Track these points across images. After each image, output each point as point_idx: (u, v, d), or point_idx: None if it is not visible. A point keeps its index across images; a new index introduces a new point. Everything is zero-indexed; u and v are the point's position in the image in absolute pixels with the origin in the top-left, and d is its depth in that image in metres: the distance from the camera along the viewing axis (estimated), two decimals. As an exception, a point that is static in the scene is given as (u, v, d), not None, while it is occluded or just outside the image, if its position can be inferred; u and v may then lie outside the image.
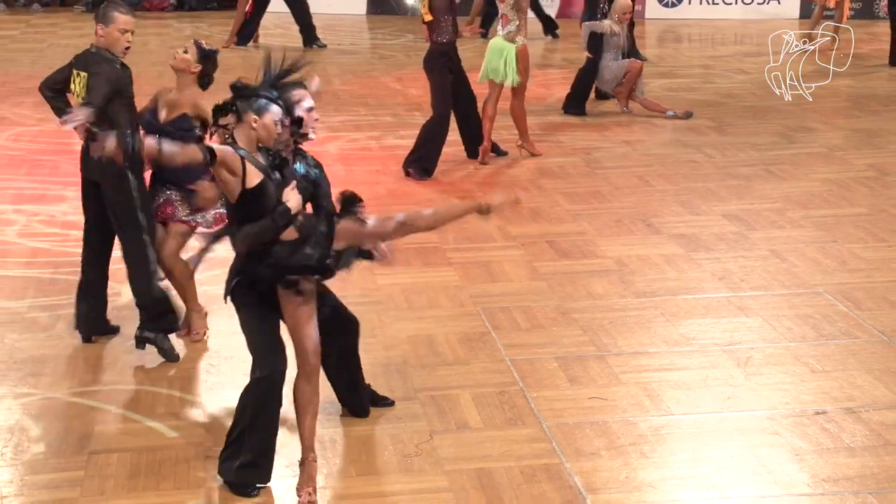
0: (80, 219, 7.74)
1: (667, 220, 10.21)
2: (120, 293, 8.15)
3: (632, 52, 14.91)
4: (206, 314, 7.84)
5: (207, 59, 7.59)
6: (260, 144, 5.81)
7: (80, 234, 7.82)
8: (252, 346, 5.98)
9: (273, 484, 6.04)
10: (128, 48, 7.33)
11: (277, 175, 5.80)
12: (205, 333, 7.79)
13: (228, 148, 5.68)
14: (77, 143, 7.69)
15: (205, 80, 7.65)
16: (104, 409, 6.91)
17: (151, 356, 7.54)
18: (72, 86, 7.37)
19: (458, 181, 11.54)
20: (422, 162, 11.56)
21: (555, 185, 11.34)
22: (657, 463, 6.23)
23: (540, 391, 7.05)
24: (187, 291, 7.78)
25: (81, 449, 6.44)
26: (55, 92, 7.48)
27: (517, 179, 11.51)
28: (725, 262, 9.17)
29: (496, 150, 12.21)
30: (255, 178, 5.69)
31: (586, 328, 7.94)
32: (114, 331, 7.82)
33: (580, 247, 9.57)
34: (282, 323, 5.98)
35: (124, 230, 7.38)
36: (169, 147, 5.54)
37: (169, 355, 7.49)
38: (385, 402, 6.84)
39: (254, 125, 5.77)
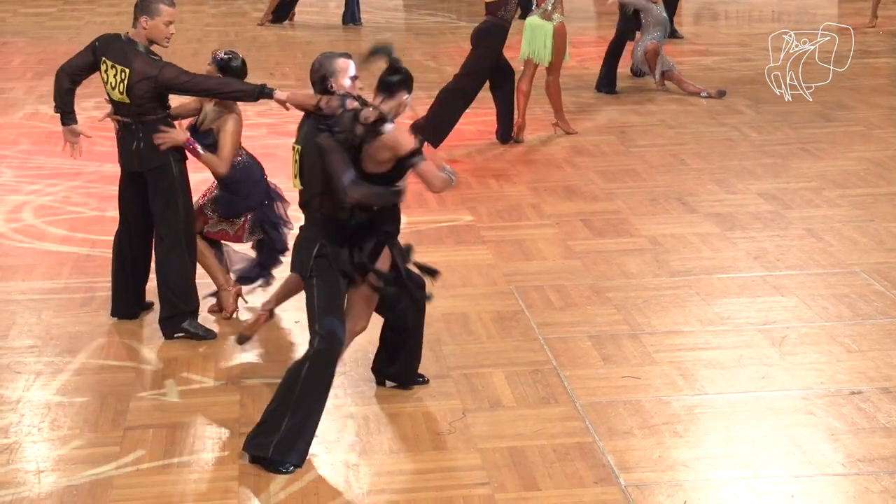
0: (116, 193, 7.78)
1: (702, 198, 10.16)
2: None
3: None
4: (237, 292, 7.86)
5: (225, 69, 7.58)
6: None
7: (115, 212, 7.87)
8: (318, 319, 6.02)
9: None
10: (168, 39, 7.35)
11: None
12: (234, 311, 7.81)
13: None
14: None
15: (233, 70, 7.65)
16: (139, 384, 6.94)
17: (183, 336, 7.57)
18: (104, 76, 7.34)
19: (491, 159, 11.52)
20: (433, 133, 11.17)
21: (589, 163, 11.31)
22: (690, 442, 6.22)
23: (573, 370, 7.04)
24: (213, 270, 7.80)
25: (117, 425, 6.47)
26: (73, 84, 7.46)
27: (552, 157, 11.49)
28: (761, 241, 9.12)
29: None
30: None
31: (620, 307, 7.92)
32: (148, 307, 7.85)
33: (614, 225, 9.54)
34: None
35: (164, 217, 7.40)
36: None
37: (206, 336, 7.51)
38: (419, 380, 6.85)
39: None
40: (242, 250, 8.05)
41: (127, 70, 7.22)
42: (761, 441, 6.19)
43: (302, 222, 6.34)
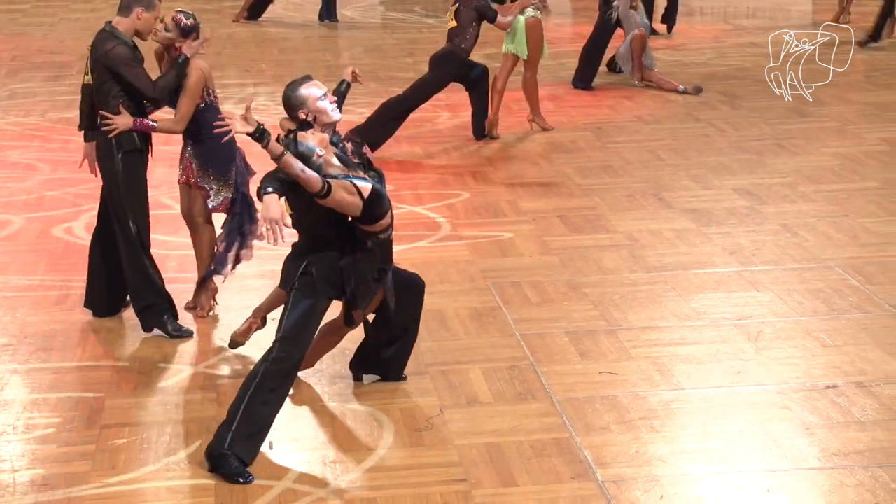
0: (92, 192, 7.78)
1: (678, 194, 10.19)
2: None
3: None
4: (215, 291, 7.85)
5: (188, 35, 7.55)
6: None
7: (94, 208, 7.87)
8: (286, 330, 6.08)
9: (278, 453, 6.06)
10: (153, 34, 7.45)
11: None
12: (210, 310, 7.79)
13: (343, 182, 6.00)
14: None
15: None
16: (115, 383, 6.93)
17: (159, 333, 7.56)
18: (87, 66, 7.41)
19: (468, 156, 11.52)
20: (367, 135, 11.20)
21: (565, 159, 11.33)
22: (667, 437, 6.24)
23: (550, 366, 7.05)
24: (200, 262, 7.79)
25: (93, 423, 6.46)
26: (91, 101, 7.58)
27: (528, 154, 11.50)
28: (737, 236, 9.15)
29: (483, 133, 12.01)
30: (365, 186, 6.03)
31: (597, 303, 7.94)
32: (123, 303, 7.82)
33: (591, 221, 9.56)
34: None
35: (114, 211, 7.42)
36: (292, 160, 5.85)
37: (183, 335, 7.49)
38: (396, 378, 6.85)
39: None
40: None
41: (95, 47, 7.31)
42: (737, 436, 6.22)
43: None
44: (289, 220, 6.04)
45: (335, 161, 6.11)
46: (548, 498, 5.70)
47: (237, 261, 7.75)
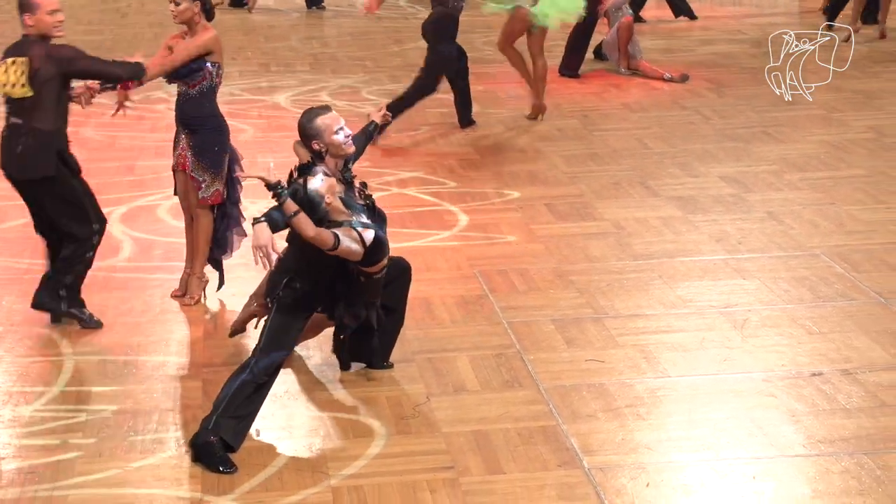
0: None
1: (664, 182, 10.20)
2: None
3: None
4: (206, 282, 7.84)
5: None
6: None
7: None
8: (266, 341, 6.13)
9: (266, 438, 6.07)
10: (59, 27, 7.17)
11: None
12: (198, 299, 7.79)
13: (348, 229, 6.09)
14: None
15: (208, 12, 7.60)
16: (101, 371, 6.92)
17: (146, 322, 7.56)
18: (2, 77, 7.07)
19: (454, 144, 11.51)
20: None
21: (552, 147, 11.33)
22: (653, 425, 6.25)
23: (537, 353, 7.06)
24: (199, 253, 7.77)
25: (78, 411, 6.45)
26: None
27: (515, 142, 11.49)
28: (723, 224, 9.16)
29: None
30: (368, 234, 6.16)
31: (583, 290, 7.95)
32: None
33: (578, 209, 9.57)
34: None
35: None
36: (305, 220, 5.96)
37: (93, 324, 7.47)
38: (384, 365, 6.85)
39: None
40: None
41: (26, 58, 7.06)
42: (723, 423, 6.23)
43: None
44: (279, 247, 6.04)
45: (341, 206, 6.17)
46: (534, 485, 5.71)
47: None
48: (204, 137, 7.60)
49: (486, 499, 5.63)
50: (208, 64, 7.54)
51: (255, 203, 8.69)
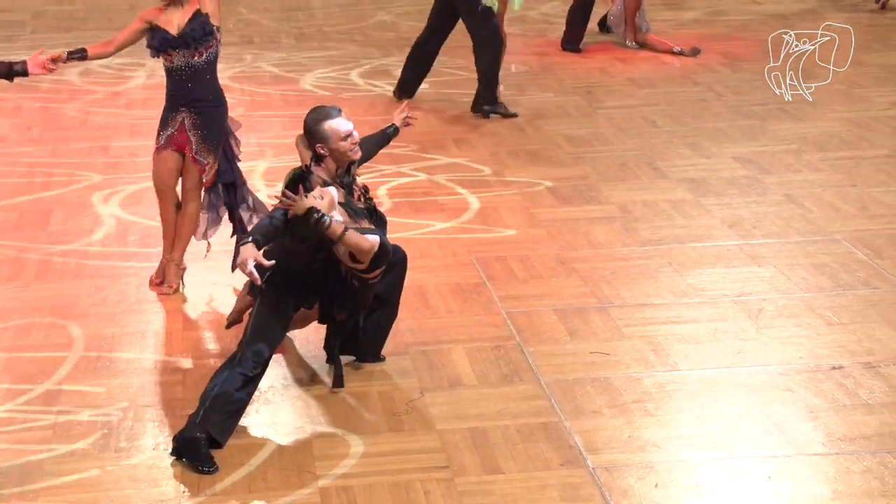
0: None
1: (674, 163, 10.20)
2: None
3: None
4: (184, 269, 7.85)
5: None
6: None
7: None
8: (250, 334, 6.21)
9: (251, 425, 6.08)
10: None
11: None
12: (177, 288, 7.79)
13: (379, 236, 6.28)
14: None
15: None
16: (73, 365, 6.92)
17: (121, 312, 7.57)
18: None
19: (450, 122, 11.51)
20: (491, 88, 11.46)
21: (554, 126, 11.32)
22: (662, 421, 6.27)
23: (538, 346, 7.07)
24: (182, 240, 7.77)
25: (49, 406, 6.46)
26: None
27: (514, 120, 11.48)
28: (737, 207, 9.17)
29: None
30: (374, 240, 6.28)
31: (587, 279, 7.96)
32: None
33: (581, 192, 9.57)
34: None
35: None
36: (356, 235, 6.16)
37: None
38: (374, 359, 6.87)
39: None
40: None
41: None
42: (737, 420, 6.25)
43: None
44: (264, 261, 6.05)
45: (339, 218, 6.24)
46: (535, 486, 5.73)
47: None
48: (210, 117, 7.59)
49: (484, 500, 5.64)
50: (215, 28, 7.55)
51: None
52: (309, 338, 7.04)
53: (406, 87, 12.01)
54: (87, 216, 8.98)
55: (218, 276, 7.89)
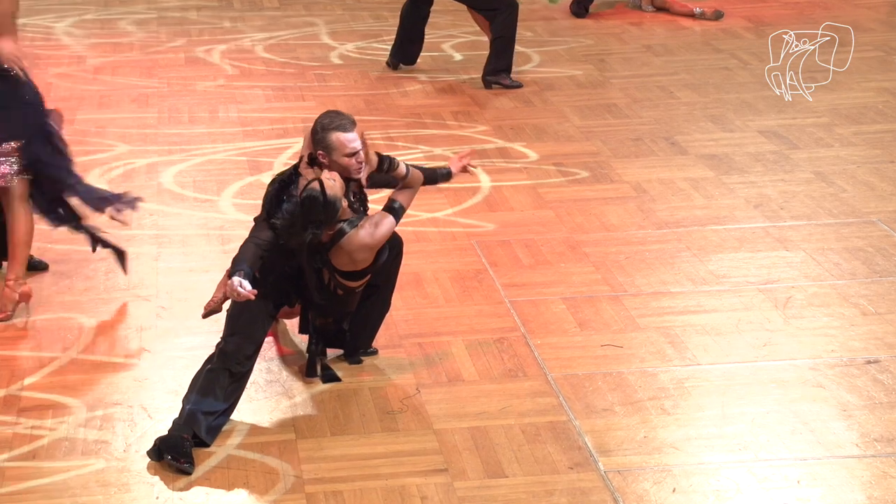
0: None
1: (694, 137, 10.21)
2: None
3: None
4: (24, 293, 7.50)
5: None
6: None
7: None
8: (228, 324, 6.32)
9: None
10: None
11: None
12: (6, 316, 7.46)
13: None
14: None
15: None
16: (35, 360, 6.93)
17: (87, 302, 7.57)
18: None
19: (448, 91, 11.51)
20: (506, 54, 11.57)
21: (562, 97, 11.33)
22: (681, 420, 6.28)
23: (545, 338, 7.08)
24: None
25: (9, 407, 6.47)
26: None
27: (518, 91, 11.48)
28: (762, 186, 9.18)
29: None
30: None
31: (599, 264, 7.97)
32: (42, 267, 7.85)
33: (592, 169, 9.58)
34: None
35: None
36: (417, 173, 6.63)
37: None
38: (368, 351, 6.88)
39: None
40: None
41: None
42: (763, 419, 6.26)
43: None
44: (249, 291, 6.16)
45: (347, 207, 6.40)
46: (542, 490, 5.74)
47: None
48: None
49: (486, 507, 5.67)
50: None
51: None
52: (294, 329, 7.04)
53: (401, 55, 12.01)
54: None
55: (195, 262, 7.89)
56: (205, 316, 7.17)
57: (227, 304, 6.80)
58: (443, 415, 6.34)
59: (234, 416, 6.27)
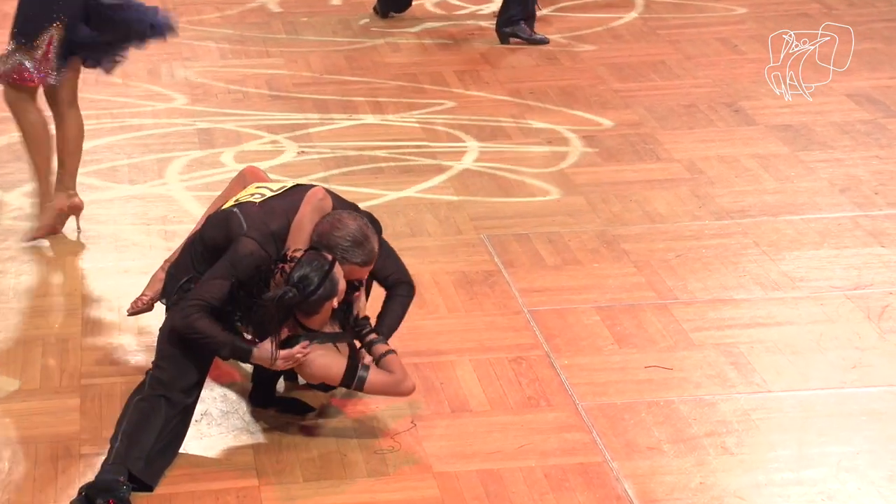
0: None
1: (763, 103, 10.24)
2: None
3: None
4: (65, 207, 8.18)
5: None
6: None
7: None
8: (159, 348, 6.45)
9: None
10: None
11: None
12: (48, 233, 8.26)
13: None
14: None
15: None
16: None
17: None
18: None
19: (453, 49, 11.54)
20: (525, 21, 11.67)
21: (596, 53, 11.36)
22: (746, 463, 6.30)
23: (574, 357, 7.11)
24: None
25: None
26: None
27: (541, 48, 11.51)
28: (851, 165, 9.21)
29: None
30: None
31: (642, 264, 8.00)
32: None
33: (633, 144, 9.61)
34: None
35: None
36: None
37: None
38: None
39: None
40: None
41: None
42: (851, 460, 6.28)
43: None
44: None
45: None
46: (571, 551, 5.80)
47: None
48: None
49: (500, 571, 5.72)
50: None
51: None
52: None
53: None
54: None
55: (130, 260, 7.93)
56: (130, 314, 7.22)
57: (159, 306, 6.86)
58: (445, 455, 6.37)
59: (182, 454, 6.30)
